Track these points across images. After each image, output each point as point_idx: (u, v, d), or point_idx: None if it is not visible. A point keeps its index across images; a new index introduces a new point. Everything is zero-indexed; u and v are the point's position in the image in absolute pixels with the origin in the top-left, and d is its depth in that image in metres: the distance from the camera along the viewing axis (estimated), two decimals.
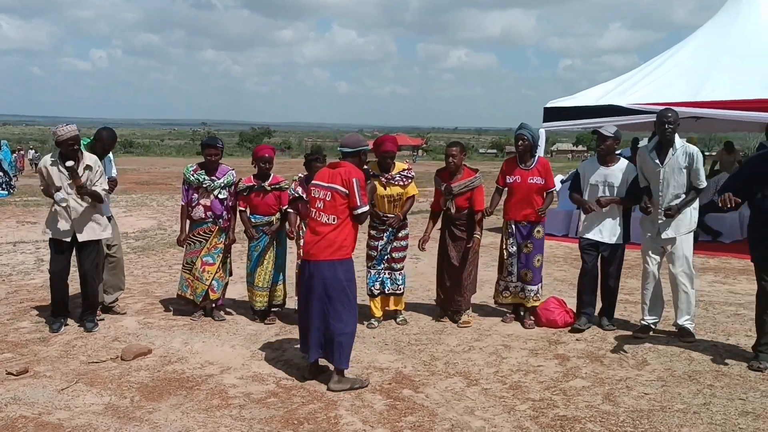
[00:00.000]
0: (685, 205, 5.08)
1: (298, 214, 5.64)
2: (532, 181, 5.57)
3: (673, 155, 5.06)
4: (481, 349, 5.12)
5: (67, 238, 5.33)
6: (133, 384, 4.36)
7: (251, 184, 5.70)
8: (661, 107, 8.90)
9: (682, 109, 9.20)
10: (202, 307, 5.83)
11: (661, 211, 5.11)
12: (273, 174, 5.78)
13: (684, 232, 5.17)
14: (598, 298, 5.70)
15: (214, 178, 5.69)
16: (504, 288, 5.74)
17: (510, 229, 5.67)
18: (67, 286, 5.61)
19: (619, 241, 5.46)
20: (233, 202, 5.80)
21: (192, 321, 5.73)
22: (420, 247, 5.73)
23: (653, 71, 10.67)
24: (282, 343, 5.25)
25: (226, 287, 5.97)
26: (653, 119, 5.26)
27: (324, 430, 3.70)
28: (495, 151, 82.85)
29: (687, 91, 9.44)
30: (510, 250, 5.65)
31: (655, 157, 5.13)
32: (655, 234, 5.22)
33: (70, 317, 5.67)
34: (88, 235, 5.37)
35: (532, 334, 5.49)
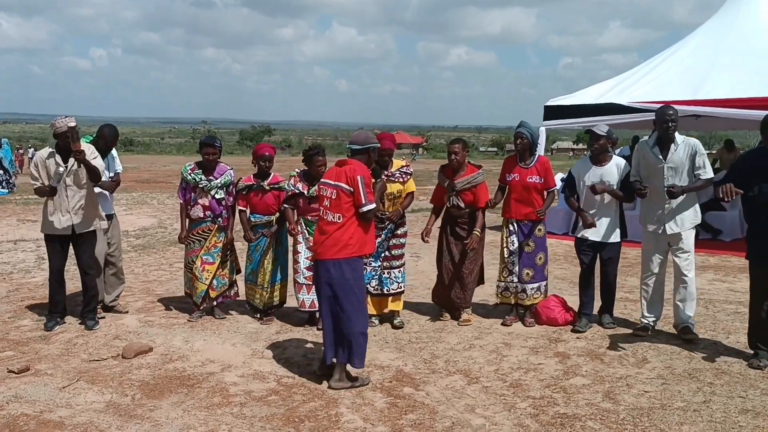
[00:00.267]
0: (691, 190, 5.02)
1: (296, 210, 5.56)
2: (531, 180, 5.54)
3: (675, 150, 5.05)
4: (481, 347, 5.13)
5: (65, 232, 5.31)
6: (134, 382, 4.36)
7: (250, 183, 5.69)
8: (661, 104, 8.95)
9: (682, 107, 9.20)
10: (202, 309, 5.82)
11: (667, 207, 5.05)
12: (273, 173, 5.77)
13: (688, 227, 5.15)
14: (597, 297, 5.70)
15: (211, 177, 5.67)
16: (504, 288, 5.72)
17: (511, 227, 5.66)
18: (65, 284, 5.61)
19: (615, 239, 5.45)
20: (232, 201, 5.79)
21: (191, 321, 5.73)
22: (423, 238, 5.68)
23: (653, 69, 10.68)
24: (283, 341, 5.25)
25: (232, 285, 5.98)
26: (653, 118, 5.24)
27: (325, 428, 3.71)
28: (495, 149, 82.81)
29: (687, 90, 9.44)
30: (511, 248, 5.63)
31: (658, 153, 5.12)
32: (659, 229, 5.18)
33: (68, 315, 5.67)
34: (85, 226, 5.37)
35: (533, 332, 5.50)
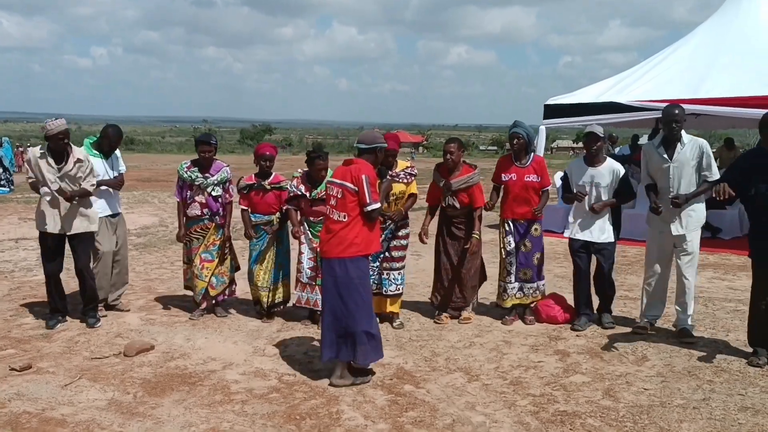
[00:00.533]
0: (696, 195, 4.99)
1: (299, 211, 5.59)
2: (528, 179, 5.54)
3: (681, 150, 5.01)
4: (481, 345, 5.14)
5: (56, 230, 5.30)
6: (135, 380, 4.38)
7: (252, 182, 5.70)
8: (662, 104, 8.94)
9: (682, 106, 9.24)
10: (203, 307, 5.82)
11: (669, 200, 5.03)
12: (275, 173, 5.76)
13: (693, 228, 5.13)
14: (595, 296, 5.70)
15: (207, 175, 5.67)
16: (503, 290, 5.70)
17: (507, 227, 5.65)
18: (61, 283, 5.60)
19: (610, 239, 5.45)
20: (229, 198, 5.79)
21: (192, 319, 5.74)
22: (421, 239, 5.67)
23: (653, 68, 10.68)
24: (284, 339, 5.27)
25: (232, 282, 5.99)
26: (653, 116, 5.25)
27: (326, 426, 3.73)
28: (495, 148, 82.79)
29: (687, 88, 9.44)
30: (508, 248, 5.63)
31: (663, 152, 5.08)
32: (664, 229, 5.16)
33: (69, 314, 5.67)
34: (77, 228, 5.36)
35: (533, 330, 5.52)
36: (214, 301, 5.88)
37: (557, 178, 12.13)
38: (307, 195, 5.43)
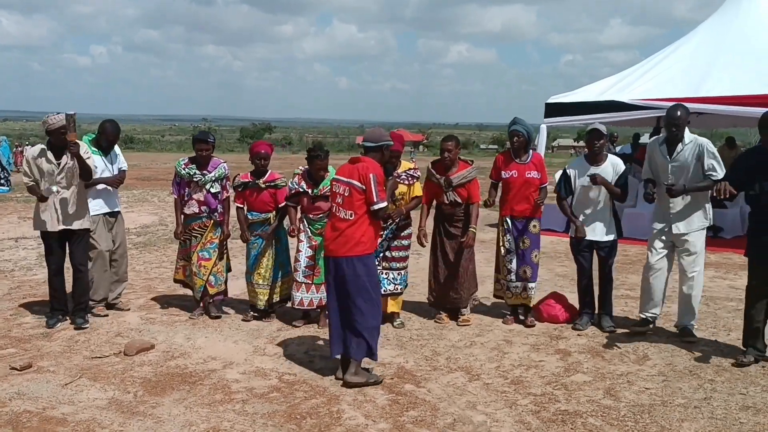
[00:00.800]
0: (695, 190, 4.94)
1: (300, 208, 5.54)
2: (530, 175, 5.53)
3: (682, 149, 5.00)
4: (482, 345, 5.14)
5: (55, 228, 5.29)
6: (136, 379, 4.38)
7: (247, 180, 5.65)
8: (664, 102, 8.94)
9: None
10: (203, 305, 5.80)
11: (672, 206, 5.01)
12: (270, 171, 5.69)
13: (696, 229, 5.09)
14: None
15: (205, 172, 5.65)
16: (506, 288, 5.67)
17: (506, 225, 5.63)
18: (64, 281, 5.60)
19: (611, 237, 5.44)
20: (226, 194, 5.75)
21: (192, 319, 5.72)
22: (420, 242, 5.61)
23: (654, 67, 10.66)
24: (284, 338, 5.26)
25: (226, 282, 5.96)
26: (654, 115, 5.23)
27: (326, 425, 3.72)
28: (496, 146, 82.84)
29: (688, 87, 9.42)
30: (507, 246, 5.61)
31: (665, 151, 5.09)
32: (665, 228, 5.14)
33: (68, 313, 5.64)
34: (76, 224, 5.35)
35: (534, 330, 5.51)
36: (211, 300, 5.84)
37: (557, 178, 12.12)
38: (309, 192, 5.41)
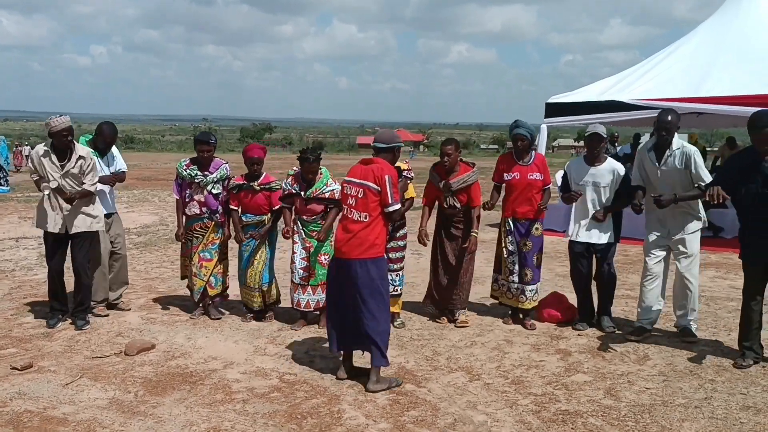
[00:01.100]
0: (683, 199, 4.91)
1: (294, 211, 5.48)
2: (532, 177, 5.52)
3: (670, 156, 4.98)
4: (483, 345, 5.14)
5: (57, 230, 5.27)
6: (137, 379, 4.38)
7: (241, 182, 5.61)
8: (664, 102, 8.93)
9: (683, 104, 9.19)
10: (203, 306, 5.79)
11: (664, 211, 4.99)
12: (265, 173, 5.64)
13: (691, 231, 5.07)
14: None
15: (207, 173, 5.63)
16: (507, 289, 5.64)
17: (508, 226, 5.61)
18: (64, 281, 5.57)
19: (610, 240, 5.41)
20: (227, 197, 5.72)
21: (193, 319, 5.72)
22: (421, 241, 5.57)
23: (655, 67, 10.66)
24: (284, 338, 5.27)
25: (225, 283, 5.93)
26: (655, 115, 5.20)
27: (327, 425, 3.72)
28: (496, 146, 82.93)
29: (688, 87, 9.43)
30: (509, 248, 5.59)
31: (654, 158, 5.06)
32: (665, 234, 5.12)
33: (68, 313, 5.63)
34: (78, 227, 5.32)
35: (534, 330, 5.51)
36: (211, 302, 5.82)
37: (558, 177, 12.07)
38: (302, 194, 5.37)
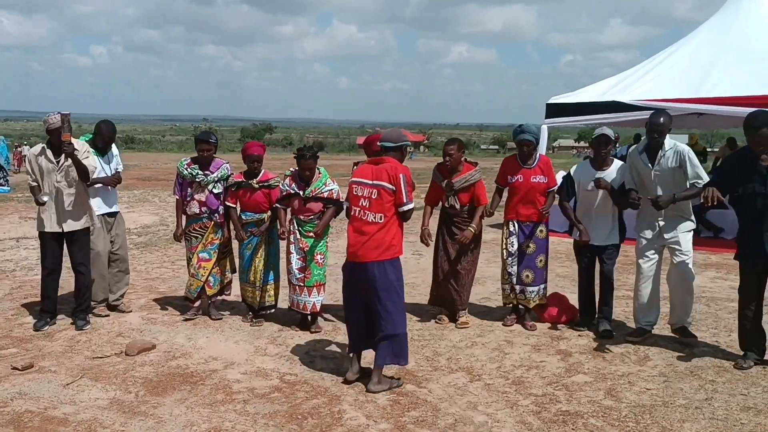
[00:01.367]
0: (680, 199, 4.86)
1: (290, 210, 5.46)
2: (535, 180, 5.48)
3: (663, 156, 4.94)
4: (483, 345, 5.14)
5: (53, 229, 5.26)
6: (137, 379, 4.38)
7: (240, 180, 5.59)
8: (665, 103, 8.93)
9: (684, 105, 9.20)
10: (198, 306, 5.77)
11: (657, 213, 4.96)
12: (264, 170, 5.62)
13: (684, 230, 5.05)
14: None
15: (207, 172, 5.61)
16: (510, 291, 5.62)
17: (511, 228, 5.58)
18: (58, 283, 5.55)
19: (614, 241, 5.37)
20: (225, 194, 5.69)
21: (187, 320, 5.66)
22: (424, 241, 5.55)
23: (655, 67, 10.66)
24: (285, 338, 5.27)
25: (229, 284, 5.94)
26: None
27: (328, 425, 3.72)
28: (497, 147, 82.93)
29: (689, 88, 9.42)
30: (510, 249, 5.55)
31: (647, 160, 5.02)
32: (657, 235, 5.10)
33: (57, 315, 5.59)
34: (72, 225, 5.32)
35: (535, 330, 5.50)
36: (209, 302, 5.81)
37: (558, 178, 12.07)
38: (301, 193, 5.36)
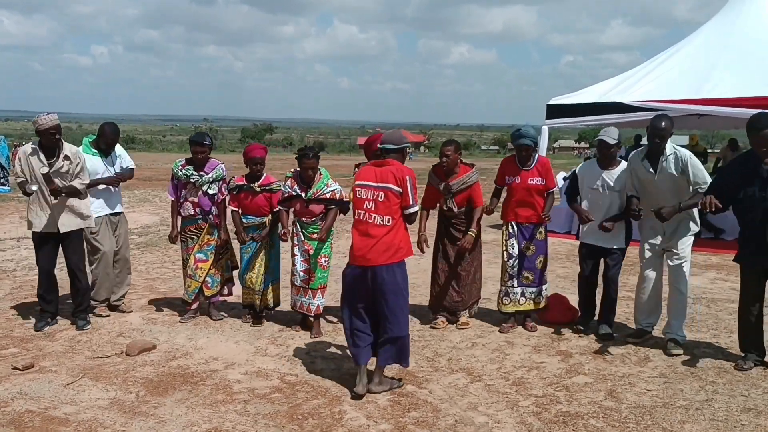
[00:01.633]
0: (683, 209, 4.79)
1: (293, 212, 5.44)
2: (533, 182, 5.43)
3: (664, 162, 4.88)
4: (484, 346, 5.14)
5: (41, 229, 5.23)
6: (138, 379, 4.38)
7: (241, 183, 5.57)
8: (666, 104, 8.93)
9: (685, 106, 9.20)
10: (195, 309, 5.76)
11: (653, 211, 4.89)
12: (266, 174, 5.60)
13: (685, 235, 5.00)
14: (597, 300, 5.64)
15: (202, 173, 5.59)
16: (504, 294, 5.58)
17: (510, 229, 5.54)
18: (56, 284, 5.55)
19: (620, 245, 5.31)
20: (222, 196, 5.67)
21: (182, 323, 5.64)
22: (420, 248, 5.45)
23: (656, 68, 10.66)
24: (286, 339, 5.27)
25: (228, 282, 5.93)
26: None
27: (328, 426, 3.73)
28: (497, 147, 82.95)
29: (690, 89, 9.41)
30: (510, 251, 5.52)
31: (648, 166, 4.95)
32: (660, 239, 5.06)
33: (59, 315, 5.60)
34: (65, 226, 5.29)
35: (535, 332, 5.50)
36: (208, 302, 5.80)
37: (560, 178, 12.07)
38: (303, 195, 5.33)
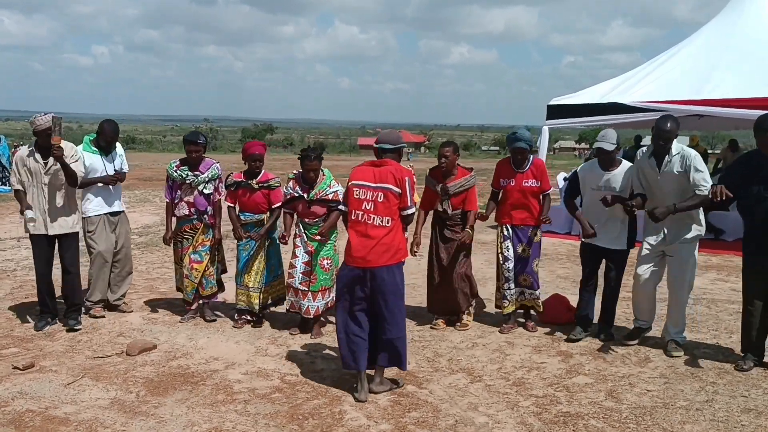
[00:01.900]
0: (682, 209, 4.75)
1: (296, 214, 5.42)
2: (527, 184, 5.41)
3: (670, 161, 4.85)
4: (484, 346, 5.14)
5: (41, 231, 5.25)
6: (138, 379, 4.39)
7: (239, 179, 5.55)
8: (666, 105, 8.93)
9: (685, 107, 9.20)
10: (195, 309, 5.76)
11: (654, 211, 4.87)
12: (264, 171, 5.57)
13: (689, 239, 4.93)
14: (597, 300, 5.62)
15: (197, 173, 5.58)
16: (502, 297, 5.56)
17: (505, 232, 5.52)
18: (53, 284, 5.54)
19: (623, 246, 5.22)
20: (218, 196, 5.66)
21: (182, 323, 5.65)
22: (412, 252, 5.27)
23: (657, 69, 10.66)
24: (286, 339, 5.27)
25: (219, 285, 5.89)
26: (657, 117, 5.14)
27: (329, 426, 3.73)
28: (497, 148, 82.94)
29: (691, 89, 9.42)
30: (506, 254, 5.49)
31: (654, 164, 4.93)
32: (662, 240, 5.00)
33: (58, 315, 5.59)
34: (60, 228, 5.30)
35: (535, 332, 5.50)
36: (203, 303, 5.78)
37: (559, 179, 12.06)
38: (305, 196, 5.31)
